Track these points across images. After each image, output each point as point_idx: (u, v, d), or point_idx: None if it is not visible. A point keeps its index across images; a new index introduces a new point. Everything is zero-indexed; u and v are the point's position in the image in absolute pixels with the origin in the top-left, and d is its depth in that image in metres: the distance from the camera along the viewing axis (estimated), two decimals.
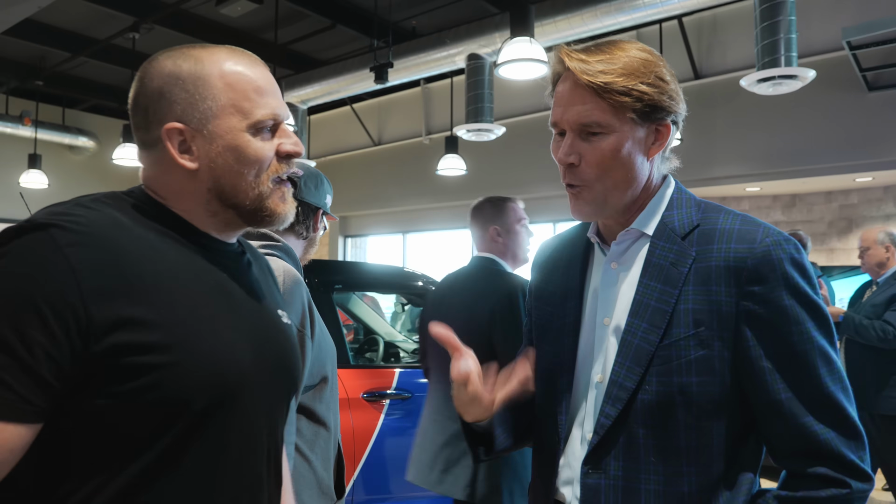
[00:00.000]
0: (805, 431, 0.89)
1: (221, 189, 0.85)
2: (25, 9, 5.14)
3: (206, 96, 0.83)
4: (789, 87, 4.10)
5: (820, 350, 0.90)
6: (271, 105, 0.86)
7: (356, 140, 9.41)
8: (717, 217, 0.98)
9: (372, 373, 3.04)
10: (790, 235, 0.95)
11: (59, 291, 0.70)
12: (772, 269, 0.90)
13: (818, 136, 5.83)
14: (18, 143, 9.01)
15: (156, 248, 0.79)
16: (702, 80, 6.49)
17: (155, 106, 0.84)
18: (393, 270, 3.84)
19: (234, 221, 0.89)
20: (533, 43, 4.07)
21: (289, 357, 0.93)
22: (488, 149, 6.97)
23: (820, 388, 0.89)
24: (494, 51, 5.11)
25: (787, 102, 5.52)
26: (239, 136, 0.84)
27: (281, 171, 0.88)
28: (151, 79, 0.85)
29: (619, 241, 1.02)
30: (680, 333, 0.92)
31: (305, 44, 7.45)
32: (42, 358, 0.69)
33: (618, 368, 0.95)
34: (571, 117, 0.96)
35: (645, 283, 0.97)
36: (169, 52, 0.87)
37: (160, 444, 0.75)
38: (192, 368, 0.76)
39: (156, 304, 0.75)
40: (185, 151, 0.84)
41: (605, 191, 0.97)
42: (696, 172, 6.47)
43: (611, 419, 0.94)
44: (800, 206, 6.85)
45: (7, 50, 7.70)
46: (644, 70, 0.95)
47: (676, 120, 1.00)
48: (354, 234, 9.93)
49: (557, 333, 1.06)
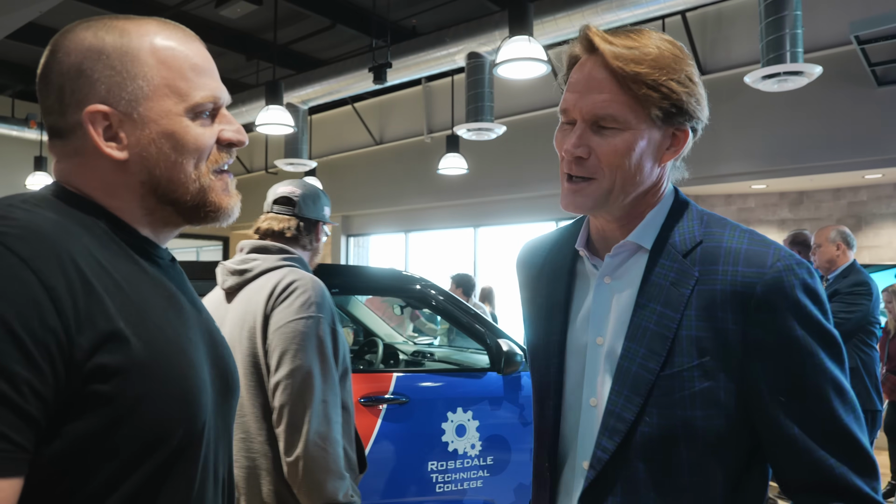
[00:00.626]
0: (819, 466, 0.83)
1: (157, 182, 0.74)
2: (27, 13, 5.14)
3: (136, 74, 0.72)
4: (795, 84, 4.02)
5: (832, 381, 0.84)
6: (210, 86, 0.76)
7: (358, 139, 9.39)
8: (721, 234, 0.89)
9: (369, 377, 3.00)
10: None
11: (37, 315, 0.59)
12: (783, 297, 0.83)
13: (826, 133, 5.74)
14: (24, 146, 9.05)
15: (106, 258, 0.69)
16: (706, 76, 6.40)
17: (72, 85, 0.71)
18: (390, 273, 3.81)
19: (172, 220, 0.78)
20: (532, 42, 4.01)
21: (234, 372, 0.85)
22: (489, 147, 6.91)
23: (834, 422, 0.83)
24: (494, 49, 5.06)
25: (794, 98, 5.44)
26: (175, 121, 0.73)
27: (222, 162, 0.78)
28: (67, 53, 0.72)
29: (613, 253, 0.94)
30: (683, 363, 0.85)
31: (305, 44, 7.42)
32: (30, 396, 0.59)
33: (614, 397, 0.88)
34: (586, 106, 0.86)
35: (643, 304, 0.89)
36: (87, 21, 0.74)
37: (135, 480, 0.67)
38: (169, 396, 0.68)
39: (124, 325, 0.66)
40: (112, 139, 0.72)
41: (610, 190, 0.88)
42: (701, 170, 6.39)
43: (608, 453, 0.87)
44: (807, 204, 6.75)
45: (11, 54, 7.73)
46: (675, 66, 0.85)
47: (696, 127, 0.91)
48: (357, 233, 9.91)
49: (545, 352, 1.00)
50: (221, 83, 0.79)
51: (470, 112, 5.31)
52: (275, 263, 1.59)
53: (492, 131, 5.34)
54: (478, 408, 2.89)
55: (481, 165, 7.46)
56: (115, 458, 0.65)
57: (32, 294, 0.59)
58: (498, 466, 2.92)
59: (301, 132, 6.66)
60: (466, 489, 2.86)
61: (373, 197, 9.31)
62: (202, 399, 0.72)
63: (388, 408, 2.85)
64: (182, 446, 0.70)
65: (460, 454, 2.83)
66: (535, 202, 7.71)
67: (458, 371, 3.22)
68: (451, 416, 2.83)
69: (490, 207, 8.19)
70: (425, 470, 2.78)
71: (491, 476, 2.90)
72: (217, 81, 0.78)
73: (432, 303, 3.16)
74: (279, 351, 1.47)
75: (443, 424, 2.83)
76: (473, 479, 2.87)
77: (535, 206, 7.74)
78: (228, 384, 0.82)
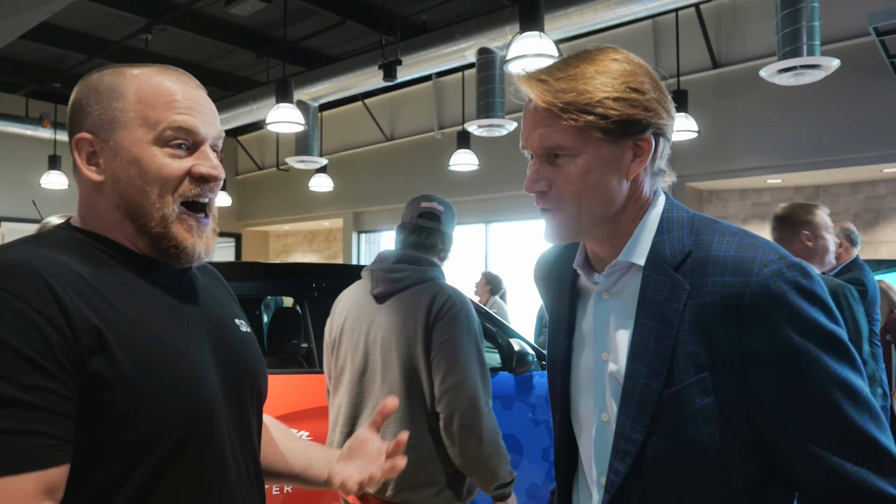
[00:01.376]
0: (836, 473, 0.80)
1: (128, 207, 0.81)
2: (39, 14, 5.17)
3: (116, 107, 0.81)
4: (812, 78, 3.94)
5: (840, 384, 0.80)
6: (183, 119, 0.81)
7: (368, 136, 9.38)
8: (710, 241, 0.87)
9: None
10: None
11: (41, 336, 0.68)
12: (774, 305, 0.80)
13: (843, 126, 5.65)
14: (38, 145, 9.13)
15: (100, 279, 0.77)
16: (720, 69, 6.32)
17: (76, 116, 0.83)
18: None
19: (153, 250, 0.83)
20: (543, 38, 3.97)
21: (252, 366, 0.91)
22: (501, 143, 6.87)
23: (845, 426, 0.80)
24: (505, 44, 5.01)
25: (810, 90, 5.35)
26: (143, 149, 0.80)
27: (190, 194, 0.82)
28: (78, 90, 0.84)
29: (606, 273, 0.94)
30: (682, 380, 0.83)
31: (315, 41, 7.41)
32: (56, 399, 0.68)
33: (623, 419, 0.87)
34: (535, 141, 0.89)
35: (642, 323, 0.87)
36: (102, 69, 0.85)
37: (136, 479, 0.74)
38: (161, 398, 0.74)
39: (116, 337, 0.73)
40: (94, 164, 0.82)
41: (578, 215, 0.89)
42: (716, 165, 6.31)
43: (621, 476, 0.87)
44: (824, 198, 6.66)
45: (25, 54, 7.78)
46: (613, 82, 0.86)
47: (662, 132, 0.89)
48: (368, 229, 9.92)
49: (552, 369, 1.02)
50: (213, 124, 0.84)
51: (481, 108, 5.27)
52: (424, 276, 1.79)
53: (503, 127, 5.30)
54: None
55: (492, 161, 7.42)
56: (116, 455, 0.72)
57: (33, 320, 0.68)
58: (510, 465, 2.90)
59: (312, 129, 6.66)
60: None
61: (384, 193, 9.31)
62: (201, 395, 0.79)
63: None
64: (185, 439, 0.76)
65: None
66: None
67: None
68: None
69: (501, 203, 8.15)
70: None
71: None
72: (201, 119, 0.83)
73: None
74: (446, 363, 1.67)
75: None
76: None
77: None
78: (242, 378, 0.88)
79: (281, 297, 4.13)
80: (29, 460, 0.65)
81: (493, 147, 7.28)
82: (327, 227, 11.36)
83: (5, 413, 0.65)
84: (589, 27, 4.82)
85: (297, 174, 9.59)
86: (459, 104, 7.60)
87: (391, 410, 1.03)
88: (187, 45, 7.45)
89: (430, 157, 8.54)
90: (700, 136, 5.35)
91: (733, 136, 6.20)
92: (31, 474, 0.65)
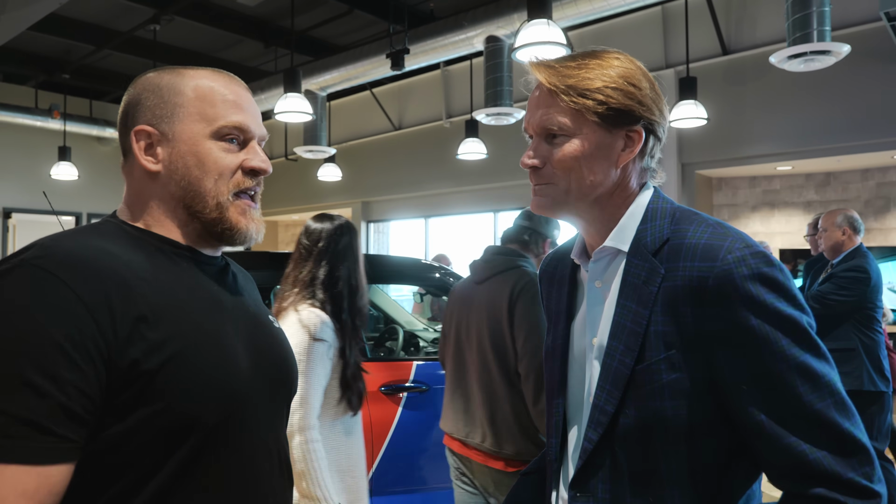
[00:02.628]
0: (792, 452, 0.84)
1: (184, 195, 0.86)
2: (48, 4, 5.19)
3: (176, 103, 0.87)
4: (822, 63, 3.91)
5: (798, 367, 0.84)
6: (239, 119, 0.88)
7: (377, 125, 9.37)
8: (687, 229, 0.93)
9: (389, 366, 3.02)
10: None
11: (76, 325, 0.70)
12: (734, 289, 0.85)
13: (854, 112, 5.60)
14: (48, 136, 9.19)
15: (147, 269, 0.80)
16: (730, 55, 6.27)
17: (133, 111, 0.88)
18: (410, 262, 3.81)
19: (203, 235, 0.89)
20: (551, 25, 3.95)
21: (285, 362, 0.95)
22: (509, 132, 6.86)
23: (801, 408, 0.83)
24: (513, 32, 5.00)
25: (821, 77, 5.30)
26: (201, 142, 0.86)
27: (243, 185, 0.89)
28: (135, 87, 0.89)
29: (594, 259, 1.00)
30: (652, 357, 0.89)
31: (323, 30, 7.40)
32: (75, 396, 0.69)
33: (599, 392, 0.94)
34: (535, 121, 0.97)
35: (622, 304, 0.94)
36: (159, 69, 0.91)
37: (174, 464, 0.76)
38: (200, 386, 0.77)
39: (160, 325, 0.76)
40: (151, 154, 0.87)
41: (567, 191, 0.96)
42: (725, 152, 6.28)
43: (592, 443, 0.93)
44: (834, 185, 6.61)
45: (34, 45, 7.82)
46: (613, 75, 0.93)
47: (652, 128, 0.96)
48: (377, 219, 9.94)
49: (551, 355, 1.07)
50: (259, 123, 0.92)
51: (489, 97, 5.26)
52: (513, 264, 2.17)
53: (511, 116, 5.29)
54: None
55: (501, 150, 7.42)
56: (155, 440, 0.75)
57: (73, 309, 0.70)
58: None
59: (320, 119, 6.66)
60: None
61: (392, 183, 9.32)
62: (235, 387, 0.82)
63: (409, 396, 2.87)
64: (218, 429, 0.79)
65: None
66: None
67: None
68: None
69: (510, 192, 8.14)
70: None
71: None
72: (250, 117, 0.90)
73: None
74: (523, 335, 2.01)
75: None
76: None
77: None
78: (276, 371, 0.92)
79: None
80: (34, 453, 0.66)
81: (502, 136, 7.27)
82: None
83: (21, 397, 0.66)
84: (597, 14, 4.79)
85: (306, 164, 9.61)
86: (467, 93, 7.58)
87: None
88: (195, 35, 7.46)
89: (438, 146, 8.54)
90: (709, 123, 5.32)
91: (743, 123, 6.16)
92: (33, 468, 0.65)
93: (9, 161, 9.30)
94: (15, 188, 9.32)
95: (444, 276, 3.27)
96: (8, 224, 9.47)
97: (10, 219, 9.48)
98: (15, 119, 8.50)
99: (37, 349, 0.68)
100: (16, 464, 0.65)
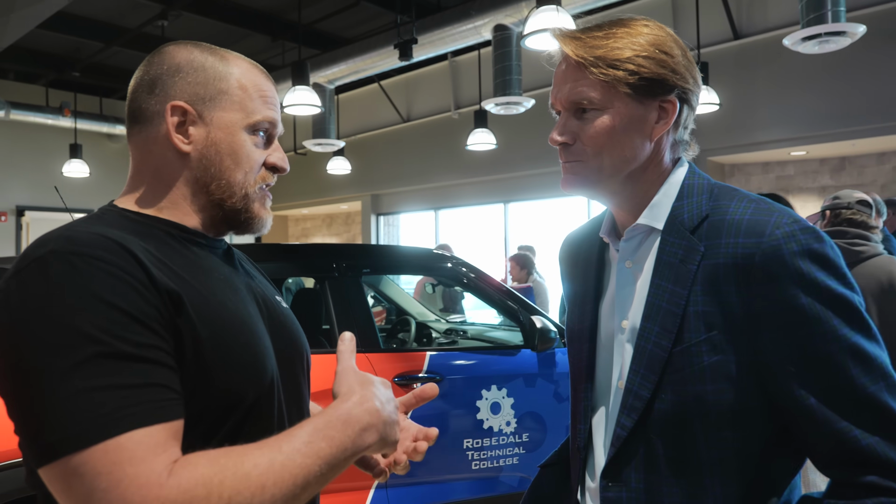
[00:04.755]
0: (843, 438, 0.79)
1: (209, 181, 0.85)
2: (57, 2, 5.21)
3: (221, 88, 0.86)
4: (837, 45, 3.85)
5: (850, 349, 0.79)
6: (272, 115, 0.90)
7: (385, 117, 9.35)
8: (728, 205, 0.88)
9: (403, 356, 3.01)
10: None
11: (138, 297, 0.70)
12: (783, 266, 0.81)
13: (869, 94, 5.51)
14: (59, 134, 9.25)
15: (165, 253, 0.79)
16: (742, 39, 6.19)
17: (169, 80, 0.85)
18: (421, 252, 3.80)
19: (216, 222, 0.88)
20: (560, 11, 3.91)
21: (300, 340, 0.96)
22: (518, 121, 6.82)
23: (853, 391, 0.79)
24: (521, 20, 4.95)
25: (835, 59, 5.22)
26: (237, 133, 0.86)
27: (268, 181, 0.90)
28: (174, 56, 0.86)
29: (626, 237, 0.95)
30: (692, 338, 0.85)
31: (330, 23, 7.38)
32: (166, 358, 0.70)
33: (632, 376, 0.90)
34: (563, 95, 0.92)
35: (656, 284, 0.90)
36: (196, 43, 0.89)
37: (216, 445, 0.74)
38: (235, 365, 0.78)
39: (190, 306, 0.75)
40: (182, 133, 0.84)
41: (599, 168, 0.91)
42: (737, 138, 6.21)
43: (626, 430, 0.89)
44: (850, 170, 6.52)
45: (43, 43, 7.86)
46: (643, 43, 0.89)
47: (686, 97, 0.91)
48: (386, 212, 9.93)
49: (578, 338, 1.03)
50: (280, 119, 0.92)
51: (497, 86, 5.23)
52: (880, 250, 2.29)
53: (520, 105, 5.25)
54: (512, 385, 2.88)
55: (510, 140, 7.37)
56: (203, 418, 0.75)
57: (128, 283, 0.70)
58: (533, 443, 2.91)
59: (328, 112, 6.65)
60: (502, 466, 2.86)
61: (401, 175, 9.30)
62: (266, 363, 0.82)
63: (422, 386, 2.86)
64: (255, 405, 0.80)
65: (495, 432, 2.84)
66: None
67: (492, 349, 3.21)
68: (485, 393, 2.82)
69: (520, 182, 8.10)
70: (461, 448, 2.79)
71: (526, 453, 2.90)
72: (277, 114, 0.91)
73: (463, 280, 3.15)
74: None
75: (477, 402, 2.82)
76: (509, 455, 2.87)
77: None
78: (293, 349, 0.92)
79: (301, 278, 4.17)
80: (159, 412, 0.67)
81: (511, 125, 7.23)
82: (346, 210, 11.40)
83: (128, 369, 0.67)
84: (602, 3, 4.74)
85: (315, 158, 9.61)
86: (476, 83, 7.54)
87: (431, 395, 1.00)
88: (203, 30, 7.46)
89: (447, 138, 8.51)
90: (721, 108, 5.26)
91: (755, 108, 6.09)
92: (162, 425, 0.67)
93: (21, 159, 9.37)
94: (27, 186, 9.40)
95: (455, 266, 3.26)
96: (21, 222, 9.55)
97: (24, 217, 9.56)
98: (26, 117, 8.55)
99: (119, 324, 0.68)
100: (144, 427, 0.66)
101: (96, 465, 0.62)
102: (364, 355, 2.73)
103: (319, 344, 3.18)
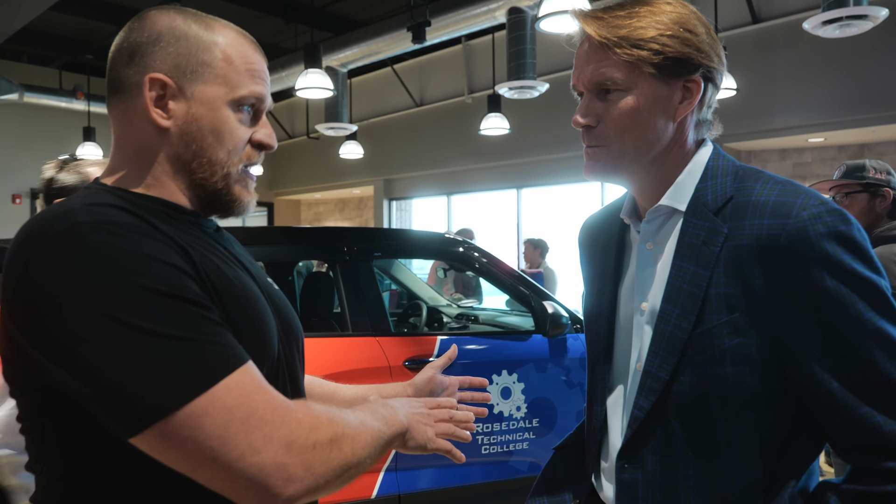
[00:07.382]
0: (865, 423, 0.79)
1: (190, 158, 0.81)
2: None
3: (203, 60, 0.80)
4: (859, 29, 3.77)
5: (875, 333, 0.78)
6: (258, 89, 0.84)
7: (398, 102, 9.31)
8: (753, 187, 0.87)
9: (414, 340, 3.01)
10: None
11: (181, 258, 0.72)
12: (809, 248, 0.80)
13: (889, 80, 5.40)
14: (73, 117, 9.29)
15: (167, 231, 0.76)
16: (760, 24, 6.08)
17: (147, 49, 0.79)
18: (432, 236, 3.79)
19: (202, 202, 0.84)
20: None
21: (294, 319, 0.95)
22: (532, 106, 6.76)
23: (878, 376, 0.78)
24: (536, 3, 4.89)
25: (854, 43, 5.12)
26: (220, 108, 0.81)
27: (253, 159, 0.86)
28: (155, 23, 0.80)
29: (648, 218, 0.94)
30: (713, 320, 0.84)
31: (343, 6, 7.34)
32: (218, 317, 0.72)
33: (651, 358, 0.89)
34: (586, 76, 0.91)
35: (678, 265, 0.89)
36: (180, 9, 0.84)
37: None
38: (251, 341, 0.77)
39: (213, 278, 0.75)
40: (161, 107, 0.79)
41: (622, 153, 0.90)
42: (755, 124, 6.12)
43: (644, 412, 0.89)
44: (868, 157, 6.41)
45: (57, 26, 7.87)
46: (667, 21, 0.87)
47: (711, 76, 0.90)
48: (399, 196, 9.92)
49: (597, 320, 1.02)
50: (269, 94, 0.87)
51: (511, 70, 5.17)
52: None
53: (534, 89, 5.20)
54: (523, 370, 2.88)
55: (524, 125, 7.32)
56: None
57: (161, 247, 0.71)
58: (544, 429, 2.91)
59: (341, 96, 6.63)
60: (512, 451, 2.86)
61: (414, 160, 9.27)
62: (273, 341, 0.83)
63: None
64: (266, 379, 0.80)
65: (506, 416, 2.84)
66: (579, 162, 7.44)
67: (503, 334, 3.20)
68: (496, 378, 2.82)
69: (533, 168, 8.05)
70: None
71: (537, 438, 2.90)
72: (266, 88, 0.86)
73: (475, 265, 3.13)
74: None
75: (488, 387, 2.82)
76: (519, 440, 2.87)
77: (579, 166, 7.46)
78: (289, 328, 0.92)
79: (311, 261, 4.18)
80: (243, 353, 0.71)
81: (525, 110, 7.17)
82: (358, 194, 11.40)
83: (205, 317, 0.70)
84: None
85: (327, 142, 9.60)
86: (489, 67, 7.47)
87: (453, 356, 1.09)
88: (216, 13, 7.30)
89: (460, 122, 8.46)
90: (739, 94, 5.18)
91: (773, 93, 5.99)
92: (251, 362, 0.72)
93: (35, 142, 9.43)
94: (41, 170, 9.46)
95: (466, 250, 3.24)
96: (36, 205, 9.64)
97: (38, 199, 9.64)
98: (40, 100, 8.59)
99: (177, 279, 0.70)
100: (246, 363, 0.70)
101: (226, 401, 0.66)
102: (375, 339, 2.74)
103: (330, 327, 3.19)
